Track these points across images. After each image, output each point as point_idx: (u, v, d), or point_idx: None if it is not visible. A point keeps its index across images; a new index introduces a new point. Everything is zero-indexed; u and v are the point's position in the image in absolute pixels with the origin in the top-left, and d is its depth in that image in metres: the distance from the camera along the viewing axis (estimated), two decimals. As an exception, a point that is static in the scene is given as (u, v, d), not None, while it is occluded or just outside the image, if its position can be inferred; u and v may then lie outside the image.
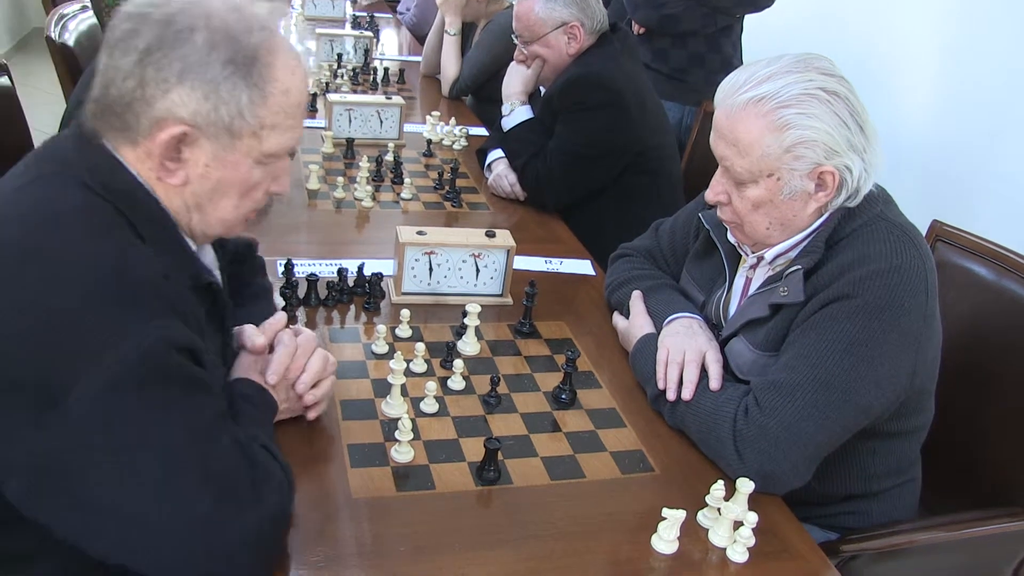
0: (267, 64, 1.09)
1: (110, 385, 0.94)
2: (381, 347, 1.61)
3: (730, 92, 1.41)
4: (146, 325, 0.98)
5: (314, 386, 1.35)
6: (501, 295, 1.86)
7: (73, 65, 2.64)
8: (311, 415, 1.38)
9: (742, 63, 2.58)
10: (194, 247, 1.20)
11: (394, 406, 1.44)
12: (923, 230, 1.60)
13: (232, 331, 1.30)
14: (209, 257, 1.29)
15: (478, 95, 3.44)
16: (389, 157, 2.52)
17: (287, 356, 1.32)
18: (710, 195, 1.50)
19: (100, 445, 0.95)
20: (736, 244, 1.58)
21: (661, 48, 3.25)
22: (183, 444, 0.98)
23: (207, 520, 0.98)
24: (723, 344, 1.55)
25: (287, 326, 1.37)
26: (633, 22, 3.26)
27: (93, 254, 1.00)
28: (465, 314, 1.66)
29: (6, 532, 1.03)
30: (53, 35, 2.63)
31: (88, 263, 0.99)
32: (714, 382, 1.46)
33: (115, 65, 1.06)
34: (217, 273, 1.29)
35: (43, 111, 3.94)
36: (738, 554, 1.24)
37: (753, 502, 1.27)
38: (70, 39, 2.69)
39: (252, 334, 1.30)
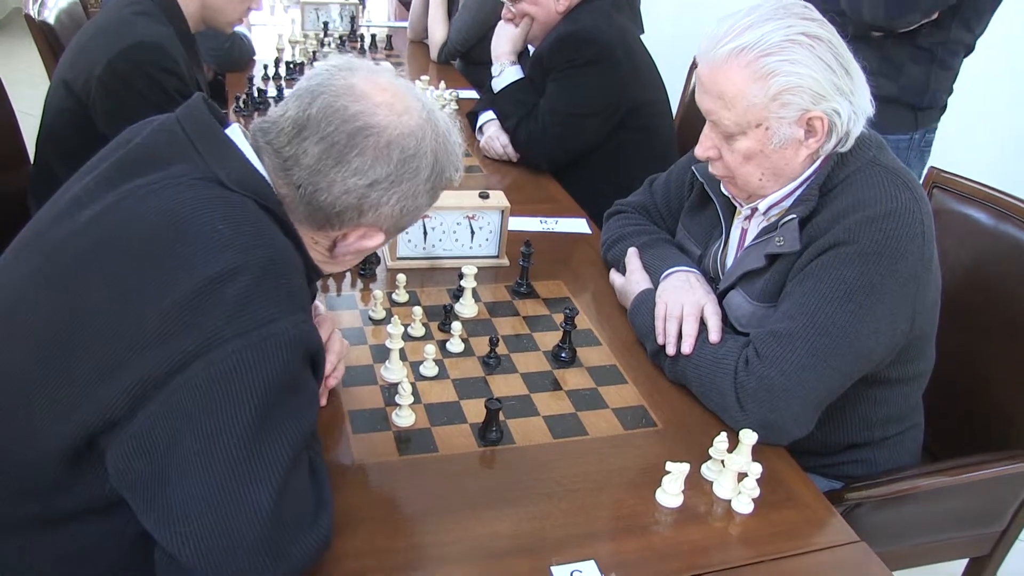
0: (446, 183, 1.22)
1: (234, 365, 0.95)
2: (378, 313, 1.61)
3: (711, 45, 1.38)
4: (300, 315, 1.02)
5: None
6: (497, 256, 1.85)
7: (54, 42, 2.60)
8: (323, 401, 1.37)
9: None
10: None
11: (393, 371, 1.43)
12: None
13: None
14: None
15: (467, 58, 3.41)
16: (379, 124, 2.48)
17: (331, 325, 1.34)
18: (700, 151, 1.48)
19: (199, 420, 0.94)
20: (731, 196, 1.56)
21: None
22: (277, 451, 0.97)
23: (266, 536, 0.96)
24: (721, 297, 1.54)
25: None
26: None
27: (266, 237, 1.04)
28: (461, 276, 1.65)
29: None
30: (32, 13, 2.59)
31: (261, 244, 1.02)
32: (713, 335, 1.45)
33: (337, 177, 1.10)
34: None
35: (26, 92, 3.89)
36: (743, 505, 1.24)
37: (757, 453, 1.26)
38: (50, 17, 2.65)
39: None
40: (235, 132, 1.14)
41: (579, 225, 2.09)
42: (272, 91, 2.77)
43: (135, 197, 1.05)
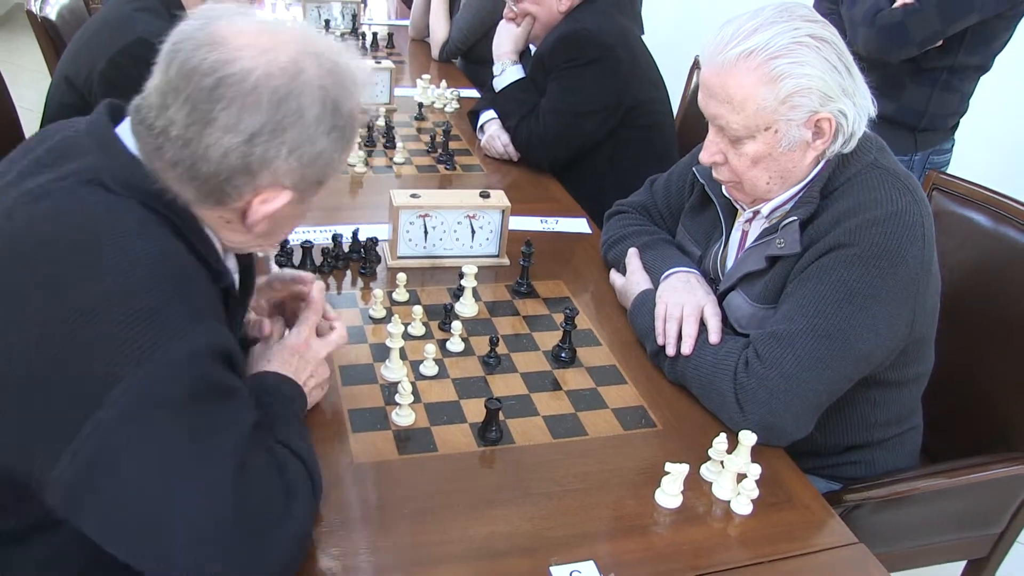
0: (357, 118, 1.09)
1: (152, 386, 0.91)
2: (379, 312, 1.61)
3: (717, 49, 1.38)
4: (196, 326, 0.95)
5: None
6: (497, 256, 1.85)
7: (56, 38, 2.60)
8: (325, 390, 1.35)
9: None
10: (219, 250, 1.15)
11: (393, 370, 1.43)
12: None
13: (239, 332, 1.27)
14: (232, 261, 1.22)
15: (468, 56, 3.41)
16: (380, 122, 2.49)
17: (316, 316, 1.31)
18: (705, 157, 1.48)
19: (135, 444, 0.91)
20: (733, 200, 1.56)
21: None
22: (218, 458, 0.94)
23: (233, 540, 0.93)
24: (721, 298, 1.54)
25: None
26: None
27: (147, 250, 0.96)
28: (462, 276, 1.65)
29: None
30: (34, 9, 2.59)
31: (142, 260, 0.95)
32: (713, 336, 1.46)
33: (211, 141, 0.99)
34: (236, 277, 1.23)
35: (28, 89, 3.90)
36: (742, 506, 1.25)
37: (756, 454, 1.27)
38: (51, 13, 2.65)
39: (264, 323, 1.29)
40: (124, 125, 1.06)
41: (580, 225, 2.09)
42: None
43: (19, 205, 1.00)
